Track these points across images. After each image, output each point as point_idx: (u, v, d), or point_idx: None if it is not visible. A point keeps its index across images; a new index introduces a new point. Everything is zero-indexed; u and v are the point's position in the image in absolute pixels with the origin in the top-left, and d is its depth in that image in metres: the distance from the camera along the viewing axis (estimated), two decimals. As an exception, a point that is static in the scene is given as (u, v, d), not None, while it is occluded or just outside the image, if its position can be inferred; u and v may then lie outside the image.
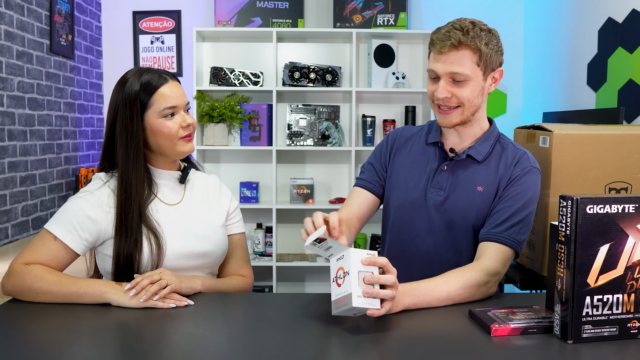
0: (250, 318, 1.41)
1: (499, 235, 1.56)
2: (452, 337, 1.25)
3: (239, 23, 3.85)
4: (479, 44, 1.55)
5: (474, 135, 1.69)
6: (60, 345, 1.24)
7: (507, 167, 1.64)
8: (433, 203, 1.67)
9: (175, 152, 1.62)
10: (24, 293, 1.46)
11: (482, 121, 1.70)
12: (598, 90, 2.94)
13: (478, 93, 1.60)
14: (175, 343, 1.23)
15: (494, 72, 1.62)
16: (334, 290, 1.28)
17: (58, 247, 1.51)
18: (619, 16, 2.76)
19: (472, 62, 1.56)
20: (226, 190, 1.80)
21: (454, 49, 1.55)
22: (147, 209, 1.59)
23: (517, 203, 1.59)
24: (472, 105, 1.60)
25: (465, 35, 1.55)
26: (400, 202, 1.72)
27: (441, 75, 1.59)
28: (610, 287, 1.19)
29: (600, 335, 1.20)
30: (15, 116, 2.90)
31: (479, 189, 1.63)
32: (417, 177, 1.72)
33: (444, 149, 1.71)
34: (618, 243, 1.18)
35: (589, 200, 1.16)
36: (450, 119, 1.62)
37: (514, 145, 1.70)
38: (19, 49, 2.93)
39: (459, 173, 1.67)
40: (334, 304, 1.28)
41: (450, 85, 1.58)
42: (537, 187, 1.64)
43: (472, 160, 1.67)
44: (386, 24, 3.86)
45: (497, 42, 1.60)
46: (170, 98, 1.57)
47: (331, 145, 3.88)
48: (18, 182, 2.93)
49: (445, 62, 1.57)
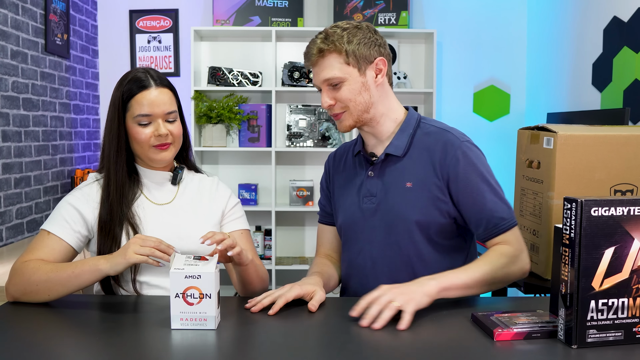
0: (251, 321, 1.39)
1: (496, 228, 1.56)
2: (455, 341, 1.25)
3: (238, 22, 3.82)
4: (339, 45, 1.57)
5: (387, 132, 1.67)
6: (57, 347, 1.24)
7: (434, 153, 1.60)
8: (369, 212, 1.66)
9: (149, 158, 1.62)
10: (25, 290, 1.46)
11: (391, 115, 1.67)
12: (603, 90, 2.93)
13: (359, 90, 1.59)
14: (175, 344, 1.24)
15: (372, 64, 1.60)
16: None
17: (54, 242, 1.54)
18: (624, 15, 2.74)
19: (340, 64, 1.58)
20: (224, 190, 1.78)
21: (319, 58, 1.59)
22: (132, 208, 1.60)
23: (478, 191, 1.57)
24: (357, 103, 1.60)
25: (325, 40, 1.58)
26: (341, 222, 1.74)
27: (319, 85, 1.62)
28: (616, 291, 1.18)
29: (605, 340, 1.19)
30: (10, 117, 2.87)
31: (408, 185, 1.61)
32: (350, 191, 1.72)
33: (366, 155, 1.70)
34: (623, 246, 1.17)
35: (594, 202, 1.15)
36: (343, 123, 1.63)
37: (437, 127, 1.66)
38: (14, 48, 2.90)
39: (385, 175, 1.65)
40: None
41: (330, 92, 1.61)
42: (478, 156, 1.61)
43: (394, 157, 1.64)
44: (387, 23, 3.83)
45: (366, 35, 1.60)
46: (145, 106, 1.56)
47: (331, 147, 3.85)
48: (12, 184, 2.90)
49: (317, 72, 1.61)
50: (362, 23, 1.63)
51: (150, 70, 1.63)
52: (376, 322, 1.28)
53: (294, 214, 4.04)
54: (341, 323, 1.35)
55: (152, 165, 1.66)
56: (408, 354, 1.19)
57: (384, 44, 1.64)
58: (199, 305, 1.29)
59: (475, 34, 4.00)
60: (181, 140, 1.66)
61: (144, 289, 1.59)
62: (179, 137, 1.63)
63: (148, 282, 1.58)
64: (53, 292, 1.44)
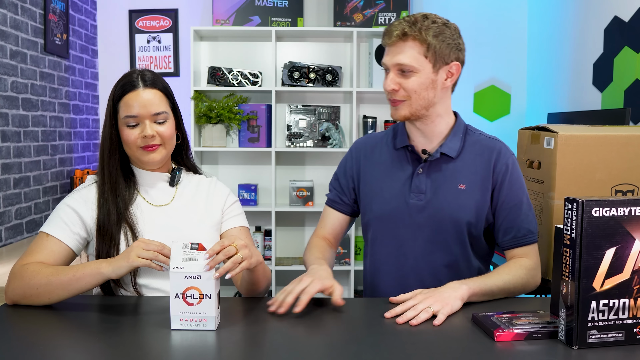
0: (251, 322, 1.40)
1: (523, 239, 1.62)
2: (455, 342, 1.25)
3: (237, 22, 3.81)
4: (425, 36, 1.55)
5: (440, 133, 1.68)
6: (56, 347, 1.23)
7: (486, 160, 1.65)
8: (416, 208, 1.65)
9: (138, 160, 1.62)
10: (25, 293, 1.44)
11: (445, 117, 1.67)
12: (604, 90, 2.91)
13: (427, 86, 1.58)
14: (174, 345, 1.24)
15: (447, 65, 1.60)
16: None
17: (53, 244, 1.53)
18: (625, 15, 2.73)
19: (418, 54, 1.56)
20: (222, 189, 1.76)
21: (400, 40, 1.57)
22: (129, 210, 1.60)
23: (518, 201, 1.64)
24: (420, 97, 1.59)
25: (412, 26, 1.56)
26: (379, 214, 1.71)
27: (389, 66, 1.60)
28: (617, 291, 1.18)
29: (606, 340, 1.19)
30: (9, 117, 2.86)
31: (461, 186, 1.63)
32: (392, 185, 1.70)
33: (415, 151, 1.69)
34: (624, 246, 1.17)
35: (595, 202, 1.15)
36: (399, 112, 1.62)
37: (485, 135, 1.71)
38: (13, 48, 2.89)
39: (436, 174, 1.66)
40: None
41: (397, 77, 1.59)
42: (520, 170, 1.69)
43: (446, 158, 1.66)
44: (387, 22, 3.82)
45: (452, 35, 1.60)
46: (131, 107, 1.56)
47: (331, 147, 3.84)
48: (12, 184, 2.89)
49: (392, 53, 1.59)
50: (450, 23, 1.63)
51: (145, 71, 1.62)
52: (413, 320, 1.34)
53: (293, 214, 4.03)
54: (341, 323, 1.35)
55: (144, 167, 1.65)
56: (409, 354, 1.19)
57: (463, 50, 1.64)
58: (198, 305, 1.29)
59: (476, 34, 3.99)
60: (173, 141, 1.64)
61: (143, 291, 1.58)
62: (169, 138, 1.61)
63: (147, 285, 1.57)
64: (54, 296, 1.43)
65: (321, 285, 1.42)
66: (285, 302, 1.38)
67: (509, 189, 1.63)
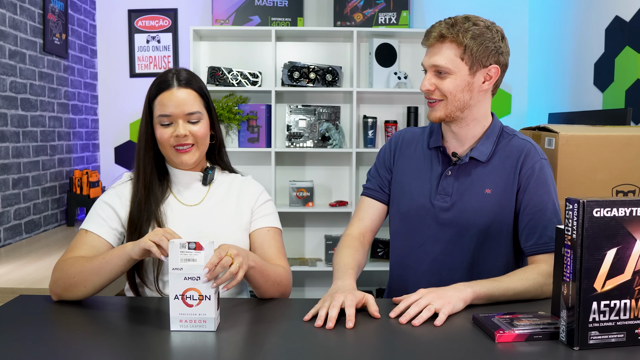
0: (251, 322, 1.40)
1: (545, 246, 1.59)
2: (456, 343, 1.25)
3: (237, 22, 3.80)
4: (462, 38, 1.56)
5: (474, 137, 1.68)
6: (55, 349, 1.24)
7: (514, 162, 1.64)
8: (440, 209, 1.67)
9: (171, 160, 1.64)
10: (64, 284, 1.48)
11: (482, 121, 1.67)
12: (605, 90, 2.90)
13: (463, 88, 1.59)
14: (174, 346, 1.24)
15: (485, 68, 1.59)
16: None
17: (92, 240, 1.58)
18: (626, 14, 2.71)
19: (455, 56, 1.57)
20: (255, 187, 1.76)
21: (437, 42, 1.59)
22: (160, 208, 1.63)
23: (542, 206, 1.60)
24: (455, 99, 1.59)
25: (451, 28, 1.57)
26: (406, 210, 1.72)
27: (427, 67, 1.62)
28: (618, 292, 1.18)
29: (608, 341, 1.19)
30: (8, 117, 2.85)
31: (487, 191, 1.63)
32: (421, 183, 1.71)
33: (446, 153, 1.70)
34: (625, 247, 1.17)
35: (596, 203, 1.15)
36: (435, 113, 1.63)
37: (519, 137, 1.69)
38: (12, 48, 2.88)
39: (464, 177, 1.66)
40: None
41: (434, 78, 1.61)
42: (550, 175, 1.65)
43: (476, 162, 1.66)
44: (388, 22, 3.81)
45: (493, 38, 1.59)
46: (165, 106, 1.58)
47: (331, 147, 3.83)
48: (10, 185, 2.88)
49: (430, 54, 1.61)
50: (494, 26, 1.62)
51: (182, 71, 1.64)
52: (416, 319, 1.34)
53: (293, 214, 4.02)
54: (341, 324, 1.34)
55: (178, 166, 1.66)
56: (409, 355, 1.19)
57: (506, 53, 1.63)
58: (198, 306, 1.29)
59: (476, 34, 3.98)
60: (206, 142, 1.65)
61: (166, 288, 1.59)
62: (202, 138, 1.62)
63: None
64: (88, 283, 1.46)
65: (356, 301, 1.39)
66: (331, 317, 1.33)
67: (533, 193, 1.61)
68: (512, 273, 1.55)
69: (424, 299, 1.37)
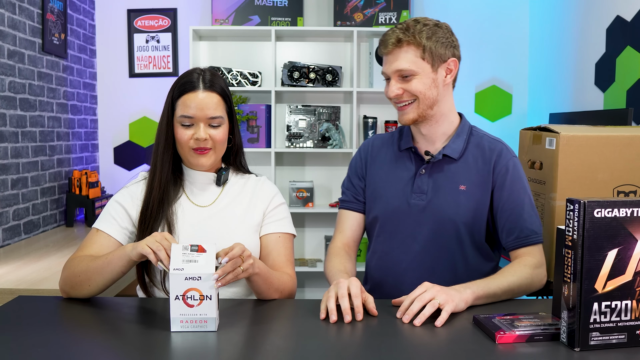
0: (251, 323, 1.40)
1: (526, 240, 1.64)
2: (456, 344, 1.25)
3: (237, 21, 3.79)
4: (419, 39, 1.61)
5: (444, 134, 1.72)
6: (55, 349, 1.23)
7: (487, 161, 1.68)
8: (417, 208, 1.70)
9: (188, 161, 1.65)
10: (71, 282, 1.50)
11: (449, 117, 1.72)
12: (606, 90, 2.90)
13: (430, 85, 1.64)
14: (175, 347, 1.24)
15: (445, 63, 1.65)
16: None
17: (102, 239, 1.59)
18: (627, 14, 2.71)
19: (416, 57, 1.61)
20: (269, 189, 1.75)
21: (396, 48, 1.62)
22: (172, 207, 1.63)
23: (519, 202, 1.66)
24: (426, 97, 1.64)
25: (405, 32, 1.61)
26: (382, 212, 1.75)
27: (390, 74, 1.66)
28: (619, 293, 1.18)
29: (609, 342, 1.19)
30: (7, 117, 2.84)
31: (462, 187, 1.67)
32: (396, 185, 1.74)
33: (418, 153, 1.74)
34: (626, 248, 1.17)
35: (597, 203, 1.15)
36: (408, 115, 1.66)
37: (489, 137, 1.75)
38: (10, 48, 2.87)
39: (438, 175, 1.70)
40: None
41: (400, 82, 1.65)
42: (522, 172, 1.72)
43: (449, 159, 1.70)
44: (388, 22, 3.80)
45: (445, 34, 1.65)
46: (188, 107, 1.58)
47: (331, 147, 3.82)
48: (9, 185, 2.87)
49: (391, 61, 1.65)
50: (441, 22, 1.68)
51: (207, 72, 1.63)
52: (417, 319, 1.34)
53: (293, 215, 3.95)
54: (341, 325, 1.34)
55: (193, 167, 1.67)
56: (409, 356, 1.19)
57: (458, 46, 1.70)
58: (199, 307, 1.29)
59: (477, 34, 3.97)
60: (224, 146, 1.66)
61: None
62: (220, 143, 1.63)
63: None
64: (92, 282, 1.47)
65: (360, 285, 1.43)
66: (345, 308, 1.36)
67: (510, 190, 1.66)
68: (502, 270, 1.59)
69: (428, 292, 1.38)
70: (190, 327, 1.29)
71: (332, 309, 1.36)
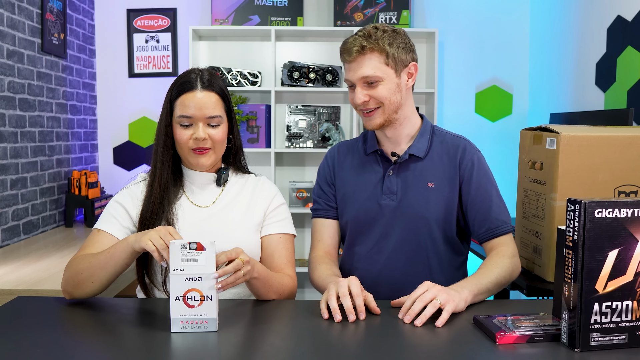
0: (251, 324, 1.40)
1: (498, 230, 1.69)
2: (457, 345, 1.25)
3: (237, 21, 3.78)
4: (382, 45, 1.63)
5: (408, 135, 1.77)
6: (54, 349, 1.23)
7: (452, 158, 1.73)
8: (388, 209, 1.73)
9: (187, 161, 1.65)
10: (74, 281, 1.49)
11: (412, 118, 1.77)
12: (607, 90, 2.89)
13: (394, 90, 1.67)
14: (175, 348, 1.24)
15: (406, 67, 1.69)
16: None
17: (104, 238, 1.59)
18: (628, 14, 2.70)
19: (380, 63, 1.64)
20: (269, 189, 1.75)
21: (360, 55, 1.64)
22: (172, 208, 1.63)
23: (487, 194, 1.71)
24: (391, 103, 1.67)
25: (368, 39, 1.63)
26: (353, 216, 1.78)
27: (355, 81, 1.67)
28: (619, 293, 1.18)
29: (609, 343, 1.19)
30: (6, 117, 2.84)
31: (430, 185, 1.71)
32: (365, 187, 1.77)
33: (384, 155, 1.77)
34: (627, 248, 1.17)
35: (598, 204, 1.15)
36: (375, 120, 1.69)
37: (451, 134, 1.80)
38: (10, 48, 2.87)
39: (406, 174, 1.74)
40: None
41: (365, 89, 1.66)
42: (486, 165, 1.77)
43: (415, 158, 1.74)
44: (388, 22, 3.79)
45: (404, 40, 1.68)
46: (187, 107, 1.58)
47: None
48: (8, 185, 2.86)
49: (355, 68, 1.65)
50: (398, 28, 1.71)
51: (205, 72, 1.63)
52: (418, 319, 1.35)
53: (293, 215, 3.95)
54: (341, 325, 1.34)
55: (193, 167, 1.67)
56: (409, 356, 1.19)
57: (415, 50, 1.74)
58: (199, 307, 1.29)
59: (478, 34, 3.96)
60: (224, 146, 1.66)
61: None
62: (220, 142, 1.63)
63: None
64: (95, 278, 1.46)
65: (360, 284, 1.44)
66: (348, 308, 1.37)
67: (477, 184, 1.71)
68: (485, 265, 1.61)
69: (429, 292, 1.39)
70: (190, 327, 1.29)
71: (335, 307, 1.37)
